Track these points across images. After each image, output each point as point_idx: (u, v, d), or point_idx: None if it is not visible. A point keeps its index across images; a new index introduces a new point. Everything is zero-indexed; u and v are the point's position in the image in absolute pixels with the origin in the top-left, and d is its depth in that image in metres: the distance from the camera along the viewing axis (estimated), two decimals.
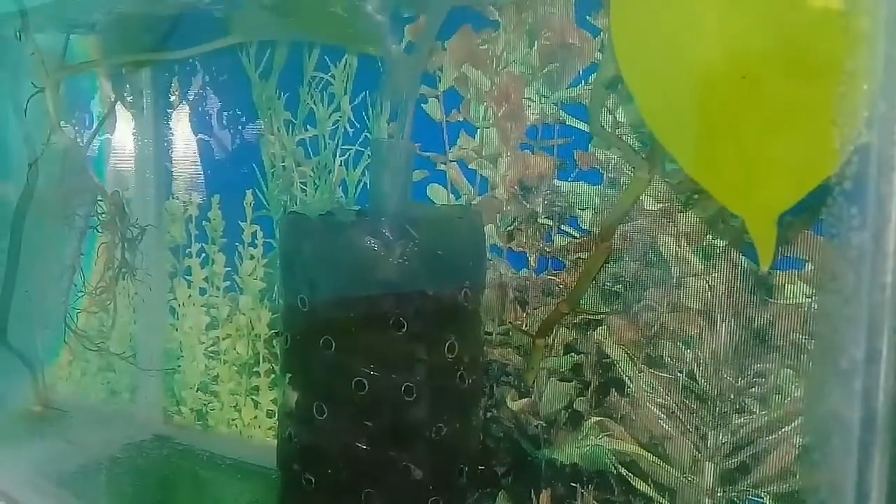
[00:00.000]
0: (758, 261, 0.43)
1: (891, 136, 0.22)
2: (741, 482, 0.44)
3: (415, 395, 0.42)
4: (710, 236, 0.44)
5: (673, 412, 0.46)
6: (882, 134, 0.22)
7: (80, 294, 0.64)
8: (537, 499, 0.51)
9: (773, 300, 0.43)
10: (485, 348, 0.52)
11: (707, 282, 0.45)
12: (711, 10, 0.26)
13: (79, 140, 0.69)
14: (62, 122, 0.65)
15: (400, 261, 0.42)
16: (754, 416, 0.44)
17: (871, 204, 0.22)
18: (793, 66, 0.23)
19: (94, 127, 0.69)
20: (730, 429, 0.44)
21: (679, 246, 0.45)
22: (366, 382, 0.42)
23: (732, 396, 0.45)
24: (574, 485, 0.49)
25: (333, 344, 0.43)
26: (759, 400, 0.44)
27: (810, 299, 0.41)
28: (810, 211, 0.35)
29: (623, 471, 0.47)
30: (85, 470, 0.61)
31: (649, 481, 0.47)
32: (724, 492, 0.45)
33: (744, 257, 0.43)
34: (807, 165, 0.23)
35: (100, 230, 0.60)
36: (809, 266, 0.41)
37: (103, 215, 0.59)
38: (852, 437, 0.23)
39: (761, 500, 0.44)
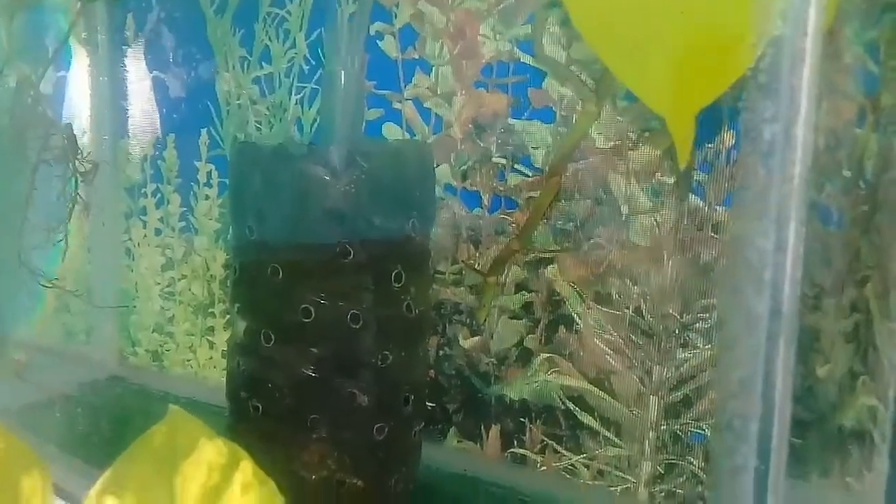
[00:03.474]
0: (706, 197, 0.44)
1: (803, 27, 0.22)
2: (684, 415, 0.45)
3: (361, 323, 0.42)
4: (659, 174, 0.44)
5: (620, 348, 0.47)
6: (794, 26, 0.22)
7: (34, 230, 0.63)
8: (487, 434, 0.51)
9: (719, 237, 0.43)
10: (437, 287, 0.52)
11: (655, 219, 0.45)
12: None
13: (32, 76, 0.67)
14: (16, 57, 0.63)
15: (347, 188, 0.42)
16: (698, 351, 0.45)
17: (784, 96, 0.22)
18: None
19: (47, 62, 0.67)
20: (674, 363, 0.45)
21: (629, 184, 0.45)
22: (312, 310, 0.42)
23: (677, 332, 0.45)
24: (523, 420, 0.50)
25: (280, 273, 0.43)
26: (703, 335, 0.45)
27: None
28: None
29: (570, 405, 0.48)
30: (40, 407, 0.61)
31: (595, 415, 0.47)
32: (667, 425, 0.46)
33: (692, 195, 0.44)
34: (724, 61, 0.23)
35: (52, 164, 0.58)
36: None
37: (56, 149, 0.58)
38: (761, 329, 0.23)
39: (703, 433, 0.45)
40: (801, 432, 0.42)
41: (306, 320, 0.42)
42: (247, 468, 0.31)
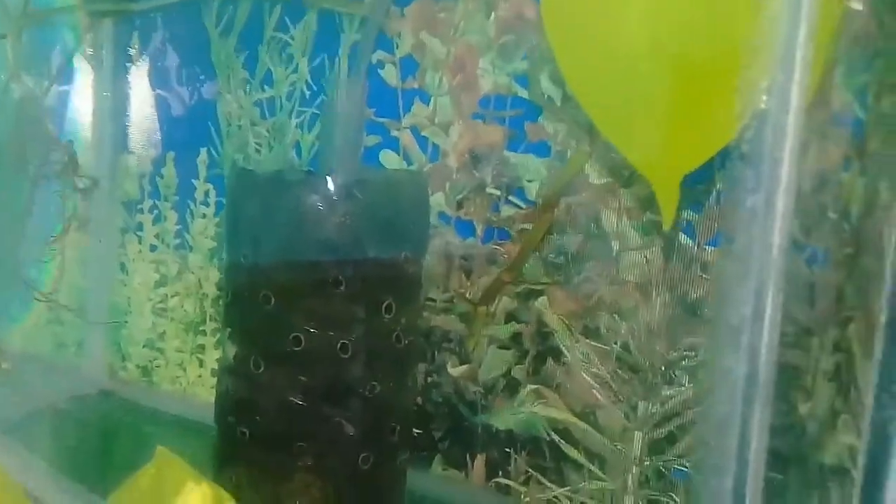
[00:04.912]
0: (696, 237, 0.45)
1: (786, 104, 0.23)
2: (668, 452, 0.46)
3: (350, 353, 0.42)
4: (649, 212, 0.45)
5: (606, 382, 0.47)
6: (778, 102, 0.23)
7: (31, 244, 0.63)
8: (472, 463, 0.52)
9: (708, 276, 0.44)
10: (428, 314, 0.52)
11: (645, 256, 0.46)
12: None
13: (37, 90, 0.68)
14: (21, 72, 0.64)
15: (342, 220, 0.42)
16: (683, 389, 0.45)
17: (766, 168, 0.23)
18: (705, 41, 0.24)
19: (51, 77, 0.68)
20: (659, 400, 0.46)
21: (620, 220, 0.46)
22: (302, 338, 0.42)
23: (663, 368, 0.46)
24: (508, 450, 0.50)
25: (272, 299, 0.43)
26: (689, 372, 0.45)
27: None
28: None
29: (556, 438, 0.49)
30: (29, 419, 0.61)
31: (580, 449, 0.48)
32: (651, 461, 0.46)
33: (681, 233, 0.44)
34: (710, 131, 0.24)
35: (51, 179, 0.59)
36: None
37: (56, 165, 0.59)
38: (738, 390, 0.24)
39: (686, 470, 0.45)
40: (782, 468, 0.43)
41: (296, 348, 0.42)
42: None
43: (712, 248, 0.44)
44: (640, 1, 0.27)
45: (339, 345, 0.42)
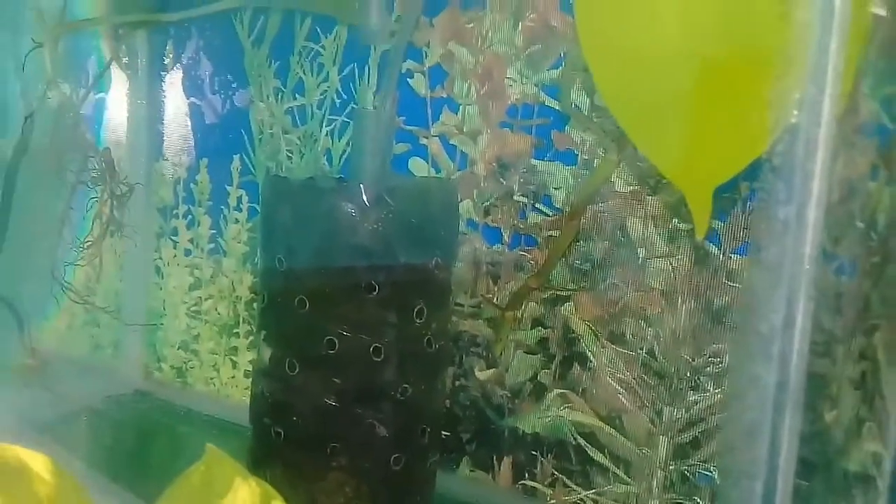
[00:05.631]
0: (721, 245, 0.45)
1: (817, 117, 0.23)
2: (693, 456, 0.46)
3: (382, 356, 0.44)
4: (675, 220, 0.46)
5: (631, 387, 0.48)
6: (810, 115, 0.23)
7: (68, 248, 0.65)
8: (499, 465, 0.53)
9: (733, 284, 0.45)
10: (456, 319, 0.53)
11: (671, 263, 0.46)
12: (668, 2, 0.27)
13: (73, 97, 0.70)
14: (59, 79, 0.66)
15: (374, 227, 0.43)
16: (707, 394, 0.46)
17: (797, 180, 0.24)
18: (737, 52, 0.25)
19: (88, 85, 0.70)
20: (684, 405, 0.46)
21: (646, 228, 0.47)
22: (336, 342, 0.44)
23: (688, 374, 0.46)
24: (534, 453, 0.51)
25: (307, 304, 0.45)
26: (713, 378, 0.46)
27: None
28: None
29: (581, 441, 0.49)
30: (66, 419, 0.63)
31: (606, 452, 0.49)
32: (675, 465, 0.47)
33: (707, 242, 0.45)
34: (742, 143, 0.25)
35: (90, 186, 0.61)
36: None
37: (94, 171, 0.61)
38: (768, 397, 0.24)
39: (710, 474, 0.46)
40: (808, 475, 0.43)
41: (330, 351, 0.44)
42: None
43: (738, 256, 0.44)
44: (674, 12, 0.28)
45: (371, 348, 0.44)
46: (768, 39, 0.25)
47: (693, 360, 0.46)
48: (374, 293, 0.44)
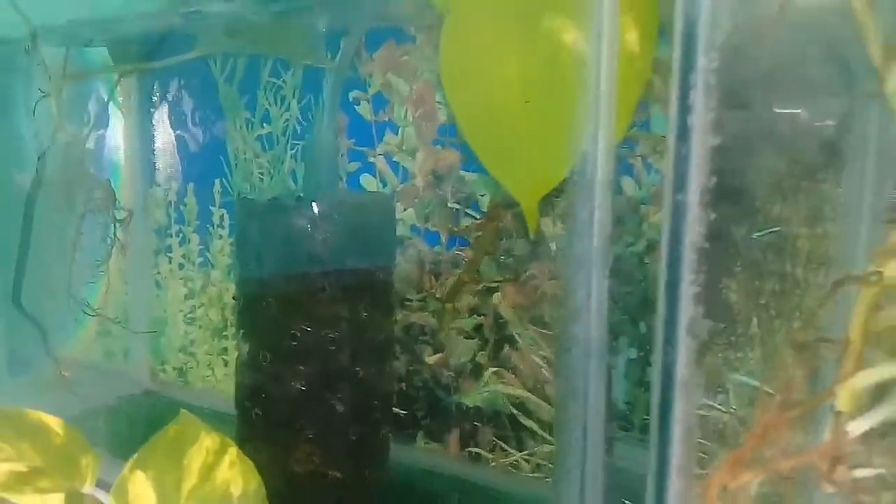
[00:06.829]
0: None
1: (596, 145, 0.32)
2: None
3: (337, 346, 0.52)
4: None
5: (552, 361, 0.56)
6: (593, 144, 0.32)
7: (81, 268, 0.75)
8: (448, 436, 0.61)
9: None
10: (407, 312, 0.62)
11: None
12: (502, 54, 0.35)
13: (78, 136, 0.79)
14: (64, 121, 0.75)
15: (324, 238, 0.52)
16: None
17: (586, 191, 0.32)
18: (553, 94, 0.33)
19: (90, 125, 0.80)
20: None
21: (555, 225, 0.55)
22: (299, 335, 0.52)
23: None
24: (477, 424, 0.60)
25: (275, 305, 0.53)
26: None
27: None
28: None
29: (514, 411, 0.58)
30: (86, 416, 0.72)
31: (534, 418, 0.57)
32: None
33: None
34: (556, 163, 0.32)
35: (95, 213, 0.70)
36: None
37: (98, 200, 0.70)
38: (587, 354, 0.33)
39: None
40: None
41: (295, 343, 0.52)
42: (233, 452, 0.42)
43: None
44: (512, 64, 0.36)
45: (328, 340, 0.52)
46: (570, 83, 0.33)
47: None
48: (327, 293, 0.52)
